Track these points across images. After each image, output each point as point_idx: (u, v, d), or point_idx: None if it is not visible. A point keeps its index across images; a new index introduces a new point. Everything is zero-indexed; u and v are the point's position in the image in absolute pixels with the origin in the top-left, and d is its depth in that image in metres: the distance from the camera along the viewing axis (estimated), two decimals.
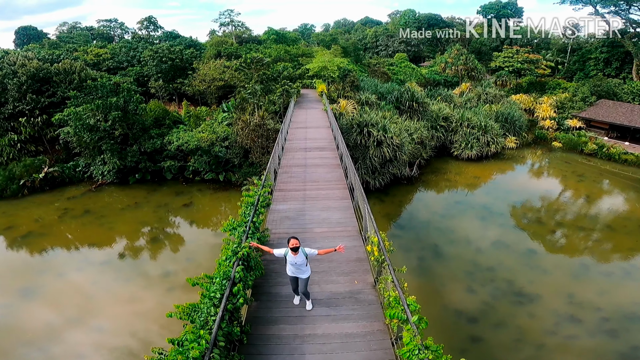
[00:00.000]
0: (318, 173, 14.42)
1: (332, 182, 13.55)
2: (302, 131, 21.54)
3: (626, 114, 36.45)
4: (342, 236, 9.81)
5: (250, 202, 9.33)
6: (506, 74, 47.52)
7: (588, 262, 18.67)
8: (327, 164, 15.54)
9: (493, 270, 18.04)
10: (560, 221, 22.86)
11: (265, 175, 11.53)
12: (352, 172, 12.20)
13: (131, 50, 47.09)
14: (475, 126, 30.84)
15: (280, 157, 16.66)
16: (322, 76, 30.46)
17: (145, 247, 21.14)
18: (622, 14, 51.17)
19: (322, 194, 12.50)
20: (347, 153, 14.63)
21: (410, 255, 19.69)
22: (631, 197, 26.39)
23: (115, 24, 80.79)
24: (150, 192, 28.21)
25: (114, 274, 18.43)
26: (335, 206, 11.58)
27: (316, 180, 13.79)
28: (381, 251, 7.37)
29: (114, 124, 27.64)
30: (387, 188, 25.32)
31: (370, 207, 24.72)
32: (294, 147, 18.52)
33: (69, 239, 22.14)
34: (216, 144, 26.87)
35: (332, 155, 16.66)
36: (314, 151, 17.25)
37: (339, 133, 18.09)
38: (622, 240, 20.66)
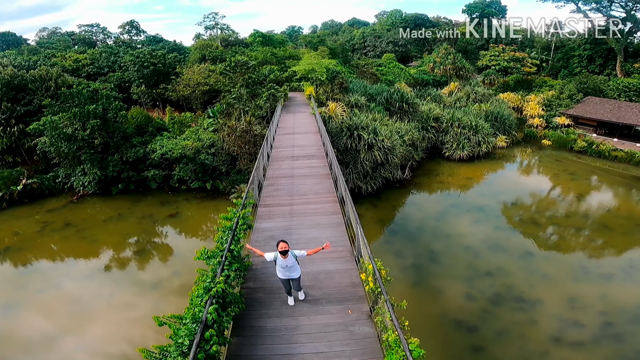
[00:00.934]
0: (306, 185, 13.55)
1: (322, 194, 12.68)
2: (290, 137, 20.59)
3: (613, 110, 36.68)
4: (332, 257, 8.93)
5: (227, 227, 8.18)
6: (493, 72, 47.60)
7: (587, 264, 18.32)
8: (316, 173, 14.64)
9: (492, 275, 17.59)
10: (556, 222, 22.57)
11: (247, 192, 10.51)
12: (342, 185, 11.38)
13: (112, 56, 45.54)
14: (466, 126, 30.52)
15: (266, 167, 15.70)
16: (310, 79, 29.73)
17: (129, 260, 20.28)
18: (603, 10, 51.94)
19: (311, 208, 11.59)
20: (336, 163, 13.88)
21: (405, 262, 19.15)
22: (624, 195, 26.34)
23: (97, 29, 78.71)
24: (134, 202, 27.10)
25: (96, 289, 17.53)
26: (325, 222, 10.68)
27: (304, 193, 12.91)
28: (377, 282, 6.56)
29: (92, 133, 26.40)
30: (380, 192, 24.71)
31: (363, 212, 23.84)
32: (281, 155, 17.54)
33: (49, 253, 21.29)
34: (202, 152, 25.86)
35: (322, 164, 15.81)
36: (302, 159, 16.37)
37: (328, 140, 17.26)
38: (620, 240, 20.43)
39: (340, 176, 11.87)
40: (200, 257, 7.25)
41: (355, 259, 8.74)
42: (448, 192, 26.56)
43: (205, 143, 25.32)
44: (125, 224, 24.17)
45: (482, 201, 25.02)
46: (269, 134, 19.39)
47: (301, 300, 7.62)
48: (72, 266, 19.91)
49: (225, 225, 8.09)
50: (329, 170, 14.54)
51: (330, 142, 16.57)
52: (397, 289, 16.94)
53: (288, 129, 22.33)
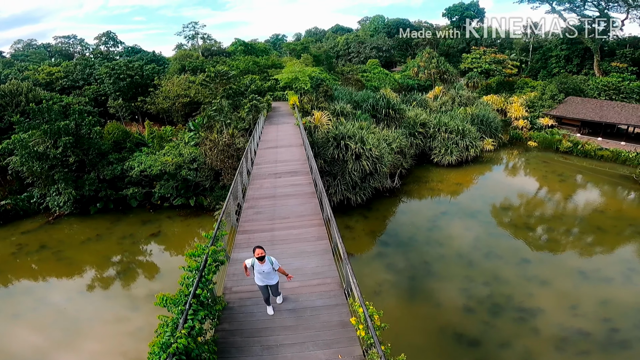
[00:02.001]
0: (289, 206, 12.41)
1: (306, 216, 11.53)
2: (272, 152, 19.37)
3: (596, 109, 37.16)
4: (320, 292, 8.01)
5: (194, 267, 7.00)
6: (476, 75, 47.89)
7: (585, 269, 17.98)
8: (300, 192, 13.52)
9: (489, 284, 17.13)
10: (549, 225, 22.31)
11: (219, 222, 8.95)
12: (327, 207, 10.36)
13: (87, 68, 43.91)
14: (453, 131, 30.25)
15: (246, 185, 14.62)
16: (293, 87, 28.97)
17: (106, 283, 19.35)
18: (577, 10, 53.20)
19: (294, 234, 10.47)
20: (320, 181, 12.90)
21: (399, 274, 18.56)
22: (614, 194, 26.40)
23: (74, 41, 76.58)
24: (114, 222, 25.94)
25: (73, 315, 16.71)
26: (311, 250, 9.64)
27: (287, 216, 11.74)
28: (369, 330, 5.70)
29: (65, 151, 24.98)
30: (370, 202, 24.03)
31: (353, 224, 23.01)
32: (262, 172, 16.24)
33: (24, 277, 20.43)
34: (183, 167, 24.72)
35: (306, 181, 14.68)
36: (285, 176, 15.26)
37: (312, 154, 16.28)
38: (615, 242, 20.29)
39: (325, 197, 10.88)
40: (161, 304, 6.24)
41: (345, 292, 7.85)
42: (439, 199, 26.10)
43: (187, 158, 24.21)
44: (105, 244, 23.14)
45: (474, 207, 24.63)
46: (250, 148, 18.22)
47: (285, 344, 6.77)
48: (47, 289, 19.10)
49: (192, 266, 6.99)
50: (314, 188, 13.61)
51: (314, 157, 15.41)
52: (392, 303, 16.35)
53: (271, 142, 21.24)
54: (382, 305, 16.60)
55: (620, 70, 48.24)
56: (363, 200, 23.21)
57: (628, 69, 48.27)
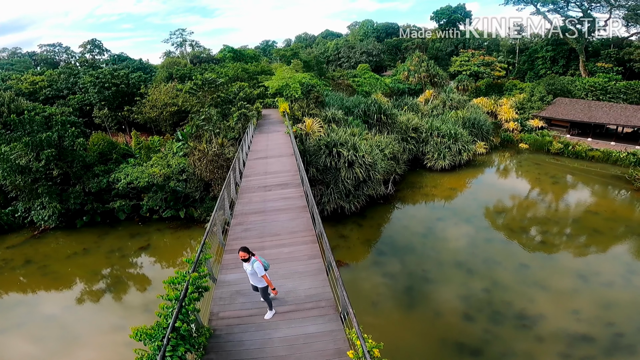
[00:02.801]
0: (280, 222, 11.65)
1: (298, 233, 10.79)
2: (262, 163, 18.47)
3: (584, 110, 37.49)
4: (313, 316, 7.49)
5: (172, 297, 6.37)
6: (466, 77, 48.07)
7: (585, 272, 17.80)
8: (291, 206, 12.77)
9: (488, 291, 16.91)
10: (545, 229, 22.15)
11: (202, 244, 8.07)
12: (319, 221, 9.76)
13: (71, 77, 42.81)
14: (445, 135, 30.09)
15: (235, 200, 13.81)
16: (284, 94, 28.51)
17: (94, 297, 18.80)
18: (560, 11, 54.03)
19: (285, 252, 9.78)
20: (311, 194, 12.25)
21: (397, 284, 18.20)
22: (607, 195, 26.44)
23: (59, 49, 75.06)
24: (102, 235, 25.17)
25: (58, 331, 16.16)
26: (303, 270, 9.00)
27: (277, 232, 10.96)
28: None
29: (48, 164, 24.11)
30: (364, 210, 23.62)
31: (348, 233, 22.45)
32: (252, 185, 15.35)
33: (7, 294, 19.83)
34: (172, 178, 24.02)
35: (297, 194, 13.96)
36: (275, 189, 14.52)
37: (302, 165, 15.68)
38: (613, 244, 20.23)
39: (316, 212, 10.25)
40: (136, 338, 5.65)
41: (341, 317, 7.34)
42: (433, 205, 25.81)
43: (175, 169, 23.52)
44: (92, 259, 22.49)
45: (468, 211, 24.40)
46: (238, 159, 17.41)
47: None
48: (32, 304, 18.45)
49: (170, 296, 6.36)
50: (306, 201, 12.92)
51: (306, 165, 14.86)
52: (390, 313, 15.98)
53: (260, 152, 20.44)
54: (381, 315, 16.22)
55: (606, 70, 48.97)
56: (357, 208, 22.79)
57: (613, 69, 49.03)
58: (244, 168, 17.37)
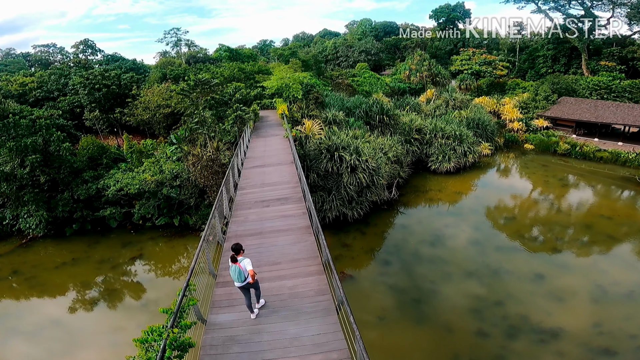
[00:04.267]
0: (280, 246, 10.07)
1: (302, 261, 9.25)
2: (259, 172, 16.68)
3: (590, 110, 36.53)
4: None
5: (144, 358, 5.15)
6: (468, 77, 47.06)
7: (603, 282, 16.86)
8: (292, 226, 11.12)
9: (502, 304, 15.94)
10: (558, 236, 21.12)
11: (185, 287, 6.68)
12: (325, 246, 8.41)
13: (62, 78, 41.40)
14: (450, 136, 28.99)
15: (228, 218, 12.13)
16: (282, 95, 27.29)
17: (81, 314, 17.75)
18: (562, 9, 53.18)
19: (288, 287, 8.23)
20: (314, 210, 10.67)
21: (404, 296, 17.21)
22: (619, 199, 25.47)
23: (54, 49, 73.46)
24: (92, 244, 24.00)
25: (43, 348, 15.38)
26: (309, 309, 7.46)
27: (277, 260, 9.39)
28: None
29: (33, 170, 22.83)
30: (367, 217, 22.47)
31: (351, 242, 21.16)
32: (247, 200, 13.69)
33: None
34: (165, 185, 22.78)
35: (299, 210, 12.29)
36: (274, 204, 12.87)
37: (303, 175, 14.41)
38: (629, 251, 19.32)
39: (321, 234, 8.88)
40: None
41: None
42: (439, 210, 24.71)
43: (168, 175, 22.27)
44: (81, 269, 21.49)
45: (477, 218, 23.34)
46: (233, 167, 15.63)
47: None
48: (14, 323, 17.34)
49: (141, 357, 5.09)
50: (309, 220, 11.22)
51: (306, 170, 13.40)
52: (398, 330, 15.03)
53: (257, 159, 18.82)
54: (388, 331, 15.18)
55: (609, 69, 48.10)
56: (360, 215, 21.65)
57: (616, 67, 48.18)
58: (239, 179, 15.94)
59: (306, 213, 11.70)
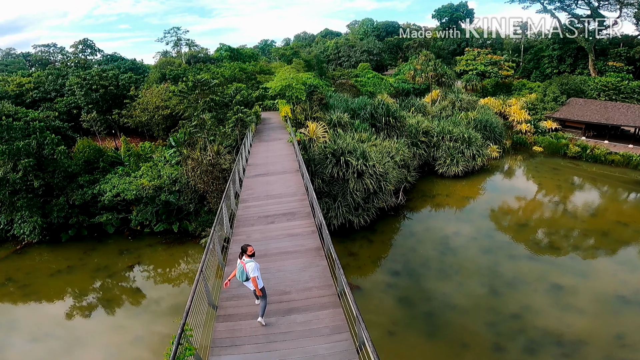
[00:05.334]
0: (288, 272, 8.83)
1: (313, 290, 8.03)
2: (262, 182, 15.31)
3: (600, 111, 35.60)
4: None
5: None
6: (474, 77, 46.13)
7: (623, 292, 16.08)
8: (301, 247, 9.82)
9: (519, 317, 15.14)
10: (574, 244, 20.22)
11: (180, 334, 5.82)
12: (341, 273, 7.38)
13: (60, 78, 40.47)
14: (458, 139, 28.06)
15: (229, 236, 10.74)
16: (285, 96, 26.38)
17: (75, 326, 17.00)
18: (568, 9, 52.31)
19: (299, 322, 7.13)
20: (325, 227, 9.36)
21: (414, 309, 16.37)
22: (633, 203, 24.57)
23: (54, 49, 72.53)
24: (88, 251, 23.15)
25: None
26: (326, 352, 6.40)
27: (286, 289, 8.16)
28: None
29: (26, 175, 21.96)
30: (374, 224, 21.56)
31: (357, 250, 20.11)
32: (250, 215, 12.22)
33: None
34: (163, 190, 21.88)
35: (308, 228, 10.86)
36: (279, 221, 11.50)
37: (311, 186, 12.89)
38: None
39: (336, 258, 7.68)
40: None
41: None
42: (448, 216, 23.79)
43: (166, 180, 21.36)
44: (75, 278, 20.71)
45: (487, 225, 22.43)
46: (234, 178, 14.12)
47: None
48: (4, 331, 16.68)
49: None
50: (320, 240, 9.85)
51: (313, 190, 12.10)
52: (410, 345, 14.21)
53: (260, 166, 17.31)
54: (399, 347, 14.27)
55: (617, 69, 47.18)
56: (366, 222, 20.74)
57: (624, 68, 47.27)
58: (241, 189, 14.80)
59: (316, 231, 10.49)
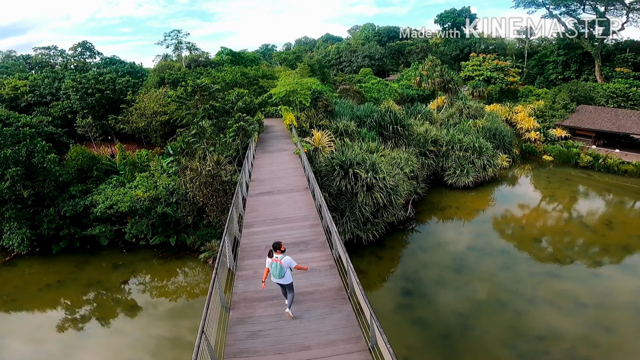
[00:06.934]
0: (305, 320, 7.29)
1: (339, 344, 6.58)
2: (268, 202, 13.56)
3: (611, 119, 34.62)
4: None
5: None
6: (481, 83, 45.15)
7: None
8: (319, 288, 8.16)
9: (543, 338, 14.17)
10: (596, 260, 19.09)
11: None
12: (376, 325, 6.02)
13: (56, 81, 39.34)
14: (468, 148, 26.92)
15: (233, 269, 9.23)
16: (289, 102, 25.25)
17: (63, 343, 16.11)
18: (574, 14, 51.57)
19: None
20: (350, 264, 7.78)
21: (429, 331, 15.29)
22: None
23: (54, 52, 71.50)
24: (80, 264, 21.96)
25: None
26: None
27: (305, 344, 6.75)
28: None
29: (14, 184, 20.75)
30: (382, 238, 20.35)
31: (365, 267, 18.62)
32: (256, 243, 10.54)
33: None
34: (160, 201, 20.66)
35: (325, 262, 9.12)
36: (291, 252, 9.45)
37: (325, 205, 11.04)
38: None
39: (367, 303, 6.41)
40: None
41: None
42: (460, 230, 22.60)
43: (162, 192, 20.14)
44: (65, 293, 19.67)
45: (503, 240, 21.27)
46: (237, 198, 12.39)
47: None
48: None
49: None
50: (341, 279, 8.24)
51: (329, 212, 10.16)
52: None
53: (265, 183, 15.49)
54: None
55: (625, 75, 46.29)
56: (375, 237, 19.55)
57: (631, 74, 46.38)
58: (244, 209, 13.14)
59: (334, 266, 8.84)
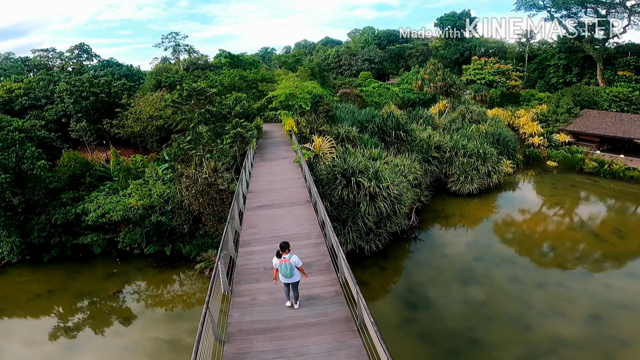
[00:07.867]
0: (310, 356, 6.51)
1: None
2: (267, 217, 12.58)
3: (616, 124, 34.07)
4: None
5: None
6: (483, 87, 44.61)
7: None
8: (324, 317, 7.35)
9: (556, 352, 13.64)
10: (607, 269, 18.46)
11: None
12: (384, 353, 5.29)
13: (51, 84, 38.56)
14: (472, 154, 26.26)
15: (229, 295, 8.27)
16: (288, 106, 24.56)
17: None
18: (575, 17, 51.25)
19: None
20: (359, 291, 7.04)
21: (437, 348, 14.60)
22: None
23: (53, 54, 70.89)
24: (71, 273, 21.30)
25: None
26: None
27: None
28: None
29: (3, 191, 20.01)
30: (386, 248, 19.63)
31: (368, 279, 17.72)
32: (254, 264, 9.59)
33: None
34: (155, 209, 19.89)
35: (330, 288, 8.26)
36: None
37: (329, 221, 10.03)
38: None
39: (379, 338, 5.59)
40: None
41: None
42: (465, 240, 21.89)
43: (156, 200, 19.37)
44: (57, 303, 19.16)
45: (510, 249, 20.57)
46: (233, 212, 11.22)
47: None
48: None
49: None
50: (348, 307, 7.47)
51: (334, 233, 9.24)
52: None
53: (263, 194, 14.49)
54: None
55: (627, 79, 45.85)
56: (378, 247, 18.81)
57: (633, 77, 45.95)
58: (241, 225, 12.06)
59: (340, 292, 7.97)
